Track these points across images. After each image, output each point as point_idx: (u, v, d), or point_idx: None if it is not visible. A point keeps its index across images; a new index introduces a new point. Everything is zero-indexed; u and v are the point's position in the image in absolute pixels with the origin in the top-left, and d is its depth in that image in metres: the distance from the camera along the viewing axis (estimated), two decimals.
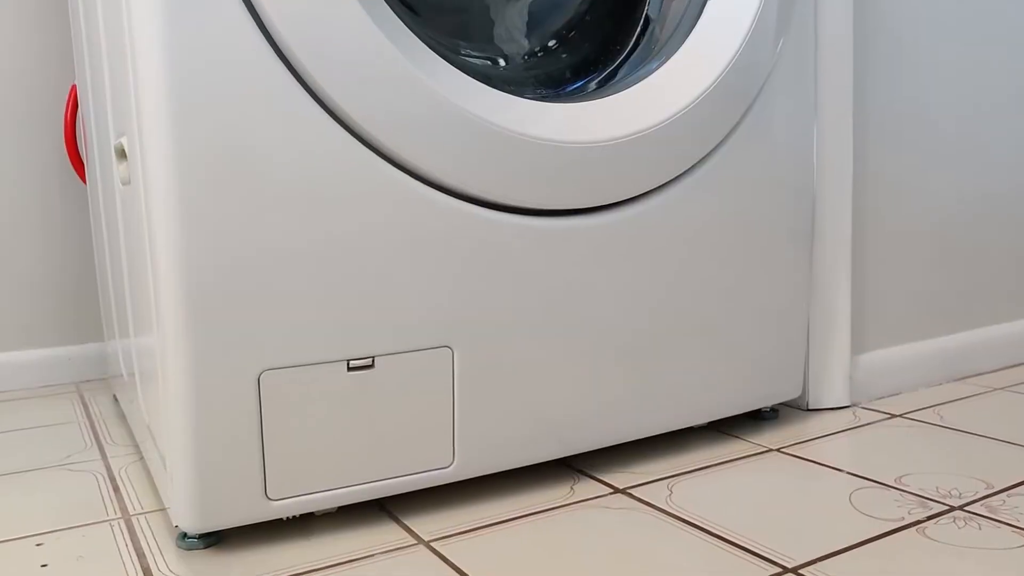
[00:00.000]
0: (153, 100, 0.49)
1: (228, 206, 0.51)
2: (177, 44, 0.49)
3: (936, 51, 0.93)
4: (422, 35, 0.57)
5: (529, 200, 0.60)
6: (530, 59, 0.71)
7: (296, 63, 0.51)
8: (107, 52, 0.63)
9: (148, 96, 0.49)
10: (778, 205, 0.74)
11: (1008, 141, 1.02)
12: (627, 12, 0.73)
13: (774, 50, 0.71)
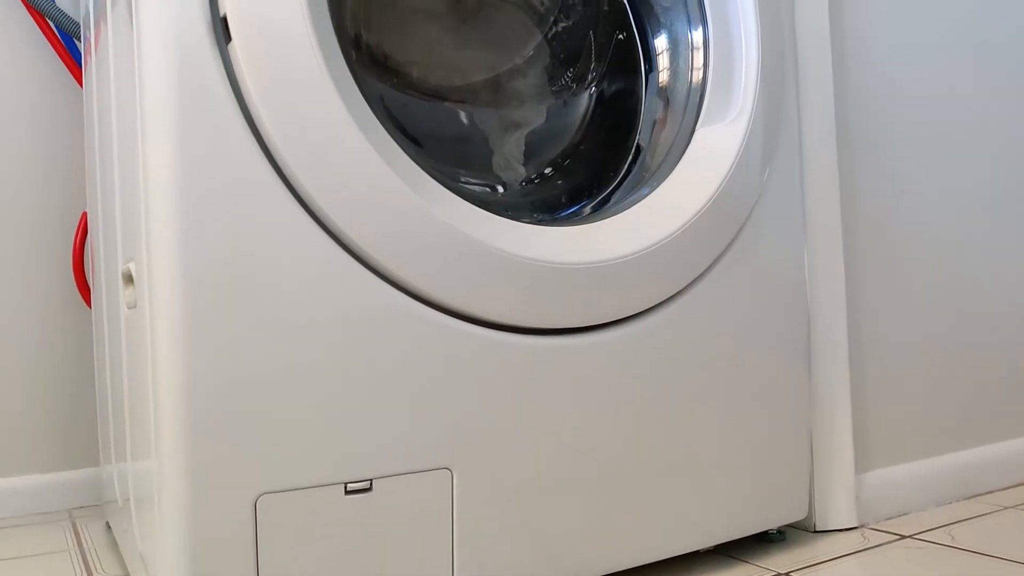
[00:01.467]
0: (162, 227, 0.51)
1: (231, 329, 0.52)
2: (188, 175, 0.51)
3: (926, 172, 0.96)
4: (424, 164, 0.59)
5: (528, 319, 0.61)
6: (527, 186, 0.74)
7: (302, 191, 0.54)
8: (119, 180, 0.65)
9: (158, 223, 0.51)
10: (773, 324, 0.75)
11: (1006, 256, 1.04)
12: (619, 141, 0.76)
13: (761, 176, 0.74)
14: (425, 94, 0.71)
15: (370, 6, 0.69)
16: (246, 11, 0.52)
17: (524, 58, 0.76)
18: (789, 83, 0.78)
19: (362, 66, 0.68)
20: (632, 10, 0.78)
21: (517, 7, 0.76)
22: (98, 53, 0.74)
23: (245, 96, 0.53)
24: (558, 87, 0.78)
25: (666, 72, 0.76)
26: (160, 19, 0.52)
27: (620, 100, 0.78)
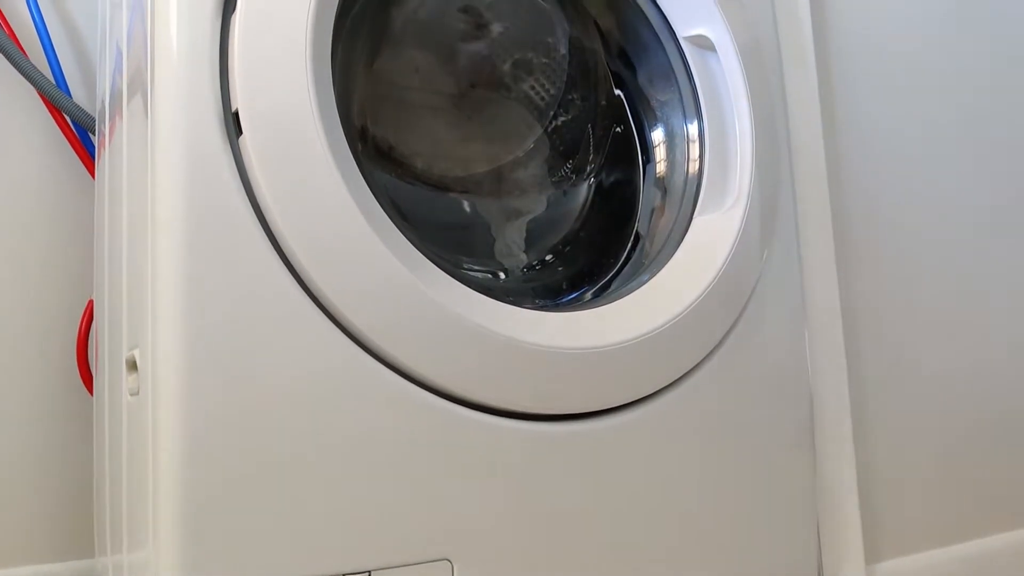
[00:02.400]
0: (168, 314, 0.52)
1: (233, 415, 0.52)
2: (195, 263, 0.52)
3: (920, 257, 0.97)
4: (427, 251, 0.60)
5: (530, 405, 0.61)
6: (529, 272, 0.75)
7: (306, 278, 0.54)
8: (127, 268, 0.67)
9: (164, 310, 0.52)
10: (777, 410, 0.75)
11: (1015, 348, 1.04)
12: (618, 229, 0.78)
13: (759, 262, 0.75)
14: (429, 184, 0.73)
15: (376, 101, 0.72)
16: (257, 106, 0.54)
17: (525, 150, 0.79)
18: (784, 173, 0.80)
19: (368, 157, 0.70)
20: (629, 105, 0.81)
21: (518, 103, 0.79)
22: (111, 145, 0.77)
23: (253, 186, 0.54)
24: (558, 177, 0.80)
25: (663, 163, 0.79)
26: (174, 112, 0.54)
27: (619, 189, 0.80)
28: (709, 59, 0.77)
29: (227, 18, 0.56)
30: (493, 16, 0.77)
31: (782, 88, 0.86)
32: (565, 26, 0.80)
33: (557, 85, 0.80)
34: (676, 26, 0.77)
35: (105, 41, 0.84)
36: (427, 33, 0.75)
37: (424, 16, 0.74)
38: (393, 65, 0.73)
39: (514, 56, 0.78)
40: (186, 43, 0.55)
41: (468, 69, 0.77)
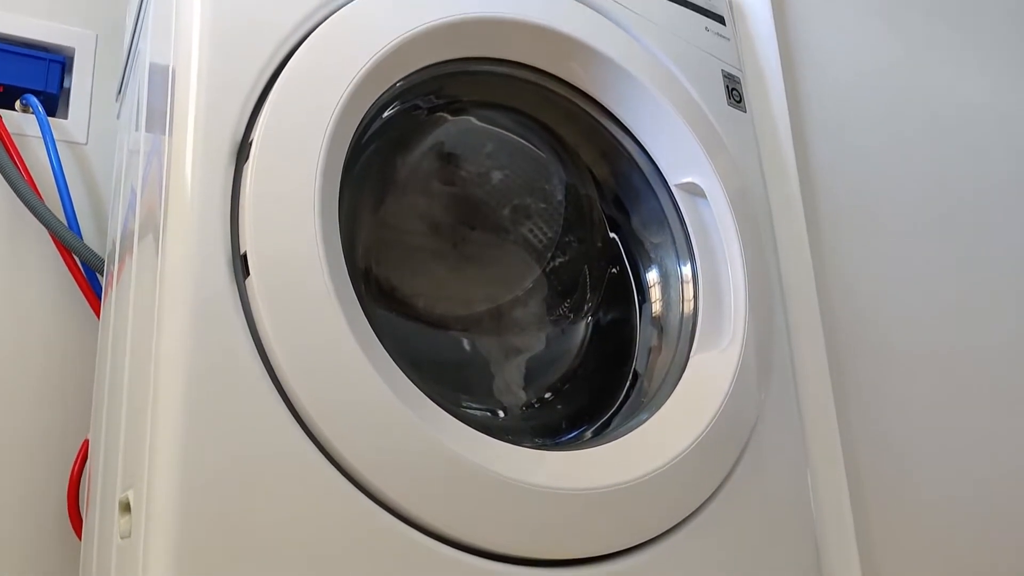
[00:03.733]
0: (166, 453, 0.51)
1: (228, 561, 0.51)
2: (196, 400, 0.52)
3: (912, 384, 0.97)
4: (426, 389, 0.61)
5: (529, 549, 0.60)
6: (528, 410, 0.75)
7: (306, 416, 0.54)
8: (127, 406, 0.66)
9: (161, 447, 0.52)
10: (781, 550, 0.73)
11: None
12: (616, 367, 0.79)
13: (758, 399, 0.75)
14: (430, 323, 0.74)
15: (380, 244, 0.74)
16: (265, 250, 0.56)
17: (524, 290, 0.81)
18: (777, 313, 0.82)
19: (370, 297, 0.71)
20: (624, 247, 0.84)
21: (517, 245, 0.82)
22: (119, 285, 0.78)
23: (258, 326, 0.55)
24: (556, 316, 0.82)
25: (659, 303, 0.80)
26: (185, 251, 0.56)
27: (616, 328, 0.82)
28: (700, 205, 0.81)
29: (240, 166, 0.59)
30: (493, 164, 0.81)
31: (771, 232, 0.89)
32: (561, 174, 0.84)
33: (554, 228, 0.83)
34: (667, 174, 0.81)
35: (120, 184, 0.87)
36: (430, 180, 0.78)
37: (427, 165, 0.78)
38: (397, 210, 0.76)
39: (513, 202, 0.81)
40: (200, 187, 0.57)
41: (469, 214, 0.80)
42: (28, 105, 1.00)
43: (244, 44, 0.61)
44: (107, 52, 1.10)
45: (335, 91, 0.62)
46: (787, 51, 1.01)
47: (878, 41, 1.14)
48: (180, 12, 0.62)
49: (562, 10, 0.76)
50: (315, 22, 0.64)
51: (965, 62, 1.23)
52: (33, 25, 1.06)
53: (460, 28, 0.70)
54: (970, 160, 1.17)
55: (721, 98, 0.87)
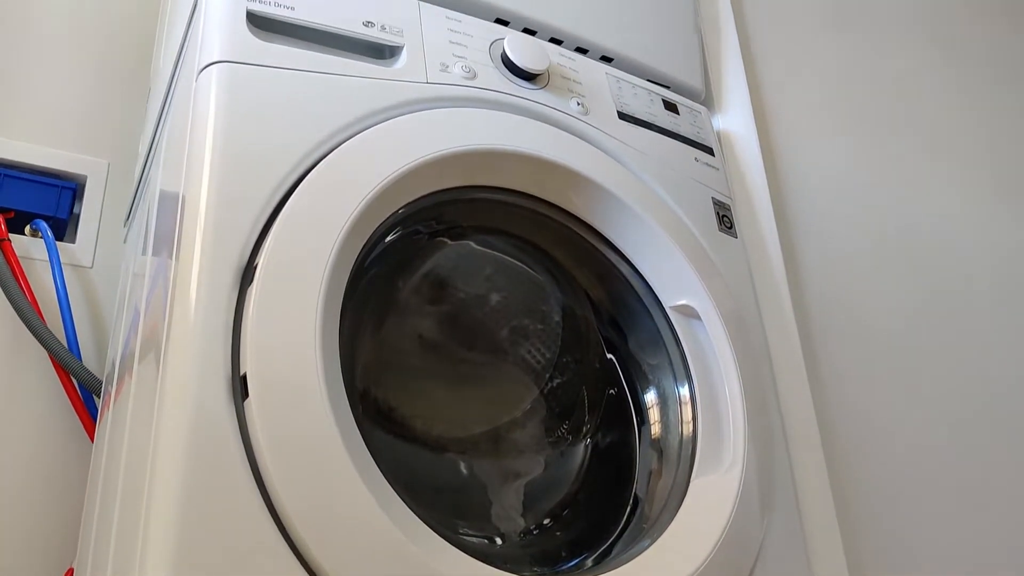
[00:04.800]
0: (157, 571, 0.50)
1: None
2: (189, 521, 0.51)
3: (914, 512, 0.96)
4: (423, 515, 0.60)
5: None
6: (526, 537, 0.73)
7: (301, 544, 0.53)
8: (116, 530, 0.65)
9: (152, 568, 0.50)
10: None
11: None
12: (616, 491, 0.77)
13: (761, 524, 0.74)
14: (427, 445, 0.74)
15: (379, 365, 0.75)
16: (265, 373, 0.56)
17: (522, 411, 0.80)
18: (777, 436, 0.82)
19: (368, 418, 0.71)
20: (621, 368, 0.84)
21: (515, 366, 0.82)
22: (116, 406, 0.78)
23: (254, 447, 0.55)
24: (555, 438, 0.81)
25: (658, 425, 0.80)
26: (185, 371, 0.56)
27: (615, 451, 0.81)
28: (695, 326, 0.82)
29: (244, 289, 0.60)
30: (491, 287, 0.83)
31: (767, 352, 0.90)
32: (558, 296, 0.85)
33: (552, 349, 0.84)
34: (662, 296, 0.82)
35: (123, 306, 0.88)
36: (429, 303, 0.80)
37: (427, 288, 0.79)
38: (396, 332, 0.77)
39: (511, 323, 0.82)
40: (203, 308, 0.58)
41: (467, 335, 0.81)
42: (38, 230, 1.02)
43: (253, 172, 0.63)
44: (118, 179, 1.13)
45: (339, 218, 0.64)
46: (774, 177, 1.05)
47: (857, 160, 1.19)
48: (193, 142, 0.65)
49: (557, 142, 0.80)
50: (322, 153, 0.67)
51: (938, 177, 1.27)
52: (49, 154, 1.10)
53: (460, 160, 0.73)
54: (947, 264, 1.20)
55: (712, 224, 0.90)
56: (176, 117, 0.77)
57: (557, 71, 0.85)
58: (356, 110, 0.70)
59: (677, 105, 0.96)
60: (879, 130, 1.24)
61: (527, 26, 0.88)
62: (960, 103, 1.38)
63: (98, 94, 1.18)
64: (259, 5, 0.70)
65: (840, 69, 1.25)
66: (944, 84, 1.39)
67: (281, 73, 0.68)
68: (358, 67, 0.72)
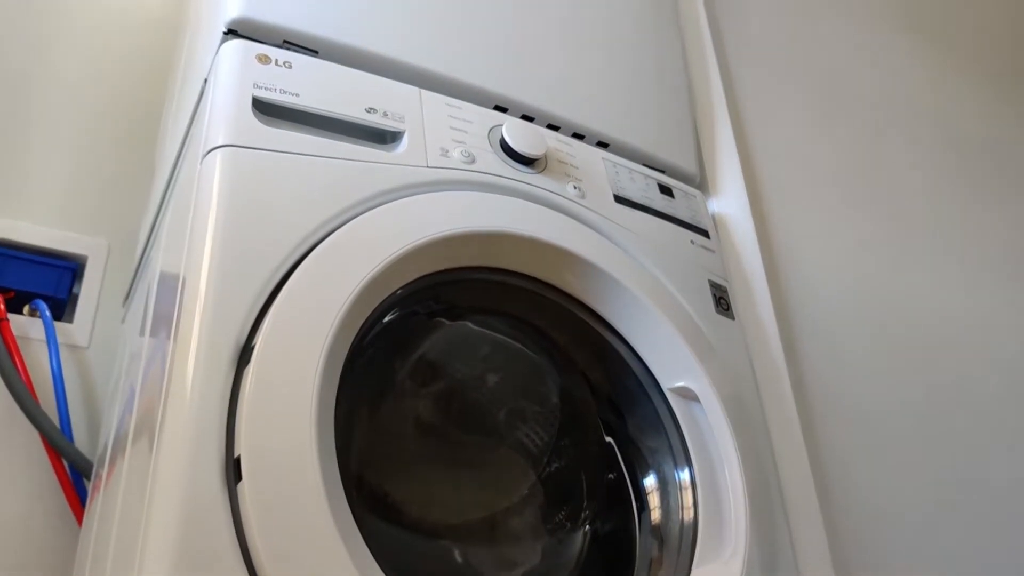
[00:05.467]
0: None
1: None
2: None
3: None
4: None
5: None
6: None
7: None
8: None
9: None
10: None
11: None
12: None
13: None
14: (422, 532, 0.72)
15: (374, 450, 0.74)
16: (259, 456, 0.56)
17: (519, 497, 0.79)
18: (780, 524, 0.80)
19: (362, 503, 0.70)
20: (620, 451, 0.83)
21: (513, 449, 0.81)
22: (107, 488, 0.77)
23: (246, 531, 0.54)
24: (553, 525, 0.79)
25: (658, 511, 0.78)
26: (179, 452, 0.55)
27: (614, 538, 0.79)
28: (694, 409, 0.81)
29: (240, 370, 0.59)
30: (488, 368, 0.82)
31: (767, 435, 0.89)
32: (556, 377, 0.85)
33: (550, 432, 0.83)
34: (660, 378, 0.82)
35: (119, 386, 0.88)
36: (426, 385, 0.79)
37: (424, 369, 0.79)
38: (392, 414, 0.76)
39: (508, 405, 0.82)
40: (200, 389, 0.58)
41: (464, 418, 0.80)
42: (36, 309, 1.02)
43: (253, 254, 0.64)
44: (118, 260, 1.14)
45: (336, 300, 0.64)
46: (770, 260, 1.06)
47: (853, 247, 1.20)
48: (195, 224, 0.66)
49: (555, 224, 0.81)
50: (322, 235, 0.68)
51: (943, 271, 1.28)
52: (52, 235, 1.11)
53: (458, 241, 0.74)
54: (950, 354, 1.19)
55: (710, 306, 0.90)
56: (179, 199, 0.78)
57: (554, 156, 0.87)
58: (357, 193, 0.71)
59: (672, 189, 0.97)
60: (875, 218, 1.26)
61: (525, 113, 0.91)
62: (958, 197, 1.41)
63: (102, 175, 1.20)
64: (265, 92, 0.72)
65: (833, 157, 1.27)
66: (944, 177, 1.42)
67: (284, 157, 0.70)
68: (360, 151, 0.74)
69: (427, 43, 0.85)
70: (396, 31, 0.84)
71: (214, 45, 0.77)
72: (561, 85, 0.94)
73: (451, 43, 0.87)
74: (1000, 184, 1.50)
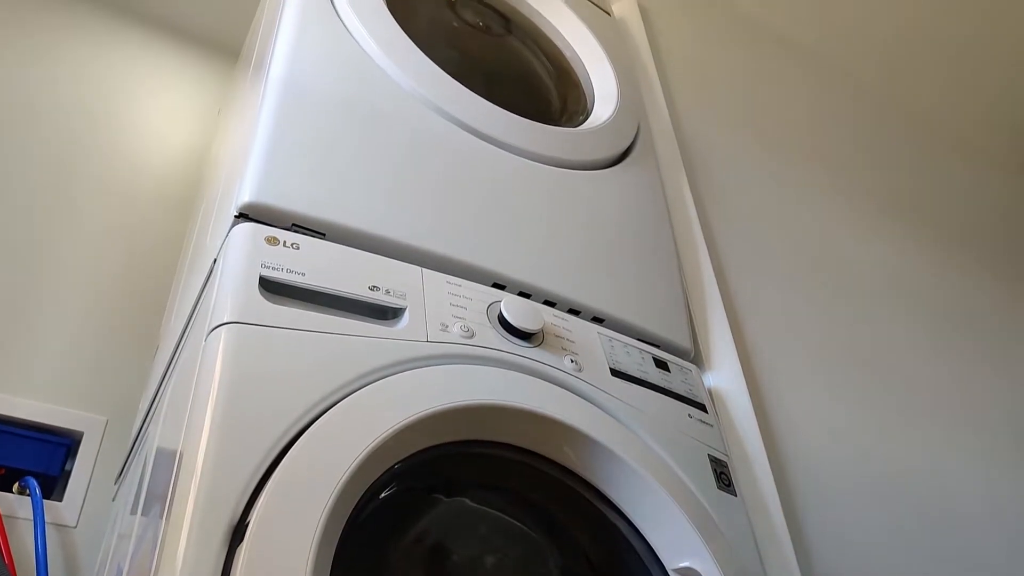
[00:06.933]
0: None
1: None
2: None
3: None
4: None
5: None
6: None
7: None
8: None
9: None
10: None
11: None
12: None
13: None
14: None
15: None
16: None
17: None
18: None
19: None
20: None
21: None
22: None
23: None
24: None
25: None
26: None
27: None
28: None
29: (233, 548, 0.58)
30: (487, 548, 0.80)
31: None
32: (556, 557, 0.82)
33: None
34: (663, 557, 0.79)
35: (105, 566, 0.85)
36: (422, 565, 0.77)
37: (420, 549, 0.77)
38: None
39: None
40: (190, 568, 0.56)
41: None
42: (26, 487, 1.01)
43: (252, 431, 0.64)
44: (114, 436, 1.14)
45: (332, 478, 0.63)
46: (769, 434, 1.06)
47: (856, 422, 1.20)
48: (196, 400, 0.66)
49: (552, 397, 0.81)
50: (321, 410, 0.68)
51: (943, 441, 1.27)
52: (49, 410, 1.11)
53: (456, 415, 0.74)
54: (958, 534, 1.16)
55: (711, 482, 0.89)
56: (182, 375, 0.79)
57: (551, 331, 0.89)
58: (356, 369, 0.72)
59: (668, 363, 0.99)
60: (871, 388, 1.27)
61: (522, 290, 0.94)
62: (956, 366, 1.43)
63: (102, 351, 1.21)
64: (272, 271, 0.75)
65: (826, 328, 1.30)
66: (942, 346, 1.44)
67: (287, 333, 0.71)
68: (361, 327, 0.76)
69: (429, 225, 0.90)
70: (400, 215, 0.88)
71: (225, 227, 0.81)
72: (556, 263, 0.98)
73: (451, 225, 0.92)
74: (998, 353, 1.52)
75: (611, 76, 1.29)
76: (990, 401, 1.41)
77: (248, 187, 0.81)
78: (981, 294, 1.66)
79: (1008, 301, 1.70)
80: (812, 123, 1.75)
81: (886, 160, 1.84)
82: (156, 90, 1.56)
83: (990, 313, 1.62)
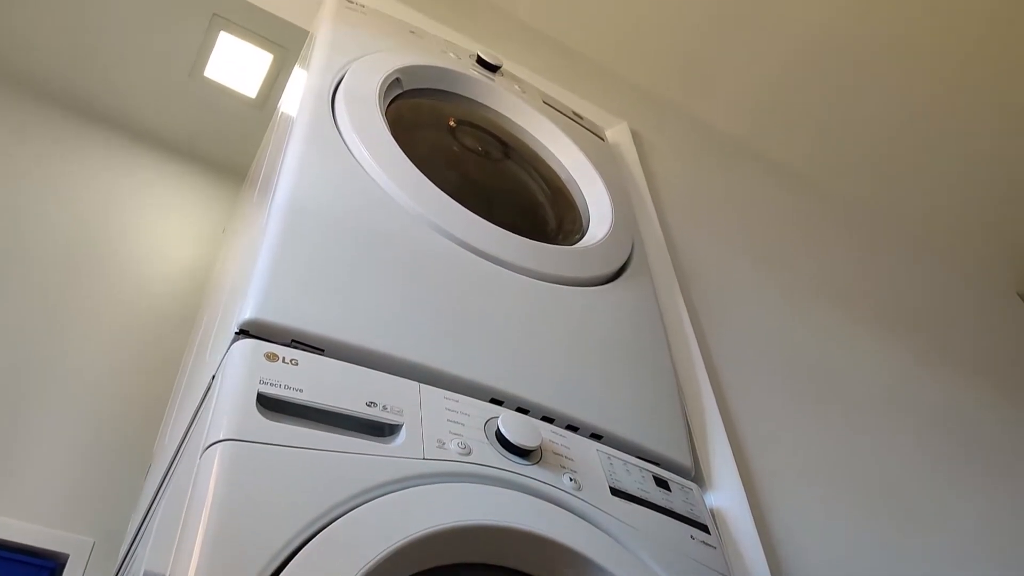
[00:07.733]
0: None
1: None
2: None
3: None
4: None
5: None
6: None
7: None
8: None
9: None
10: None
11: None
12: None
13: None
14: None
15: None
16: None
17: None
18: None
19: None
20: None
21: None
22: None
23: None
24: None
25: None
26: None
27: None
28: None
29: None
30: None
31: None
32: None
33: None
34: None
35: None
36: None
37: None
38: None
39: None
40: None
41: None
42: None
43: (243, 555, 0.62)
44: (100, 558, 1.10)
45: None
46: (772, 554, 1.03)
47: (859, 538, 1.16)
48: (188, 521, 0.65)
49: (551, 517, 0.79)
50: (313, 531, 0.66)
51: (947, 557, 1.24)
52: (34, 531, 1.08)
53: (451, 536, 0.73)
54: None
55: None
56: (174, 493, 0.78)
57: (549, 447, 0.88)
58: (351, 488, 0.71)
59: (668, 482, 0.97)
60: (874, 505, 1.24)
61: (520, 405, 0.93)
62: (958, 481, 1.40)
63: (92, 471, 1.19)
64: (270, 388, 0.75)
65: (827, 443, 1.29)
66: (943, 461, 1.42)
67: (282, 451, 0.71)
68: (358, 444, 0.75)
69: (427, 341, 0.90)
70: (398, 330, 0.89)
71: (225, 344, 0.82)
72: (553, 379, 0.98)
73: (449, 342, 0.92)
74: (1000, 470, 1.50)
75: (606, 197, 1.33)
76: (993, 515, 1.38)
77: (250, 304, 0.82)
78: (982, 408, 1.65)
79: (1010, 417, 1.69)
80: (806, 239, 1.79)
81: (880, 273, 1.87)
82: (165, 209, 1.60)
83: (991, 426, 1.61)
